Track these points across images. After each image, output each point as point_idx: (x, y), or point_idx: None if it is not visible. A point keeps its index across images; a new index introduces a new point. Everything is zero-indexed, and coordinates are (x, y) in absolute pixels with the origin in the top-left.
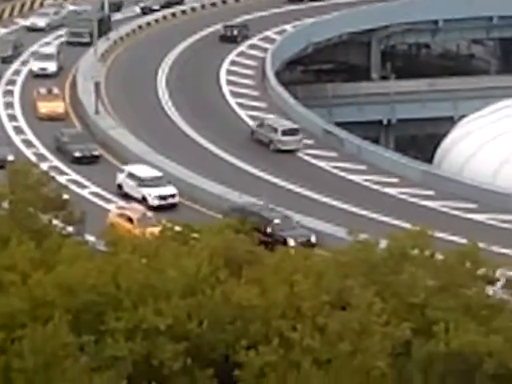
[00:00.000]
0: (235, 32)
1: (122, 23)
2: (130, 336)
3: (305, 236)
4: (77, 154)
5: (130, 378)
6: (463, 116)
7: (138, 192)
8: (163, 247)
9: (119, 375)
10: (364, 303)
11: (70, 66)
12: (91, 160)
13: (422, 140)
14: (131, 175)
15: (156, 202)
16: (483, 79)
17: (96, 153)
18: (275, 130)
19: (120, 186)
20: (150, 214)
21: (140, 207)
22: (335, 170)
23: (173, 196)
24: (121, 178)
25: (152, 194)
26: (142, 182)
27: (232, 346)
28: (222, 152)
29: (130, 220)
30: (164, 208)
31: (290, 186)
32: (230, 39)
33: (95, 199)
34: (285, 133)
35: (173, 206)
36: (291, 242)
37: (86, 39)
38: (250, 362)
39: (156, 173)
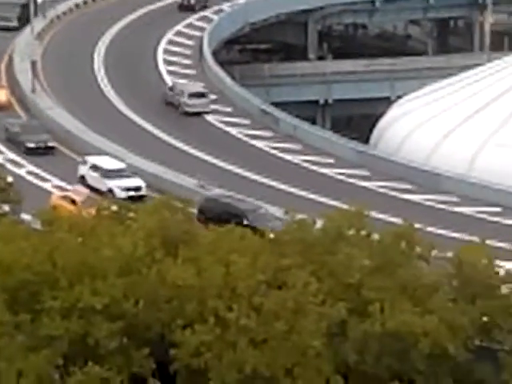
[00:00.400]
0: (192, 1)
1: (49, 6)
2: (67, 315)
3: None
4: (30, 145)
5: (66, 357)
6: (400, 96)
7: (103, 184)
8: (99, 226)
9: (55, 354)
10: (300, 283)
11: (1, 50)
12: (45, 151)
13: (358, 120)
14: (95, 167)
15: (123, 194)
16: (420, 60)
17: (50, 144)
18: (182, 93)
19: (83, 178)
20: (93, 196)
21: (84, 189)
22: (271, 150)
23: (140, 188)
24: (84, 169)
25: (119, 185)
26: (108, 174)
27: (168, 326)
28: (160, 131)
29: (74, 202)
30: (132, 199)
31: (234, 169)
32: (187, 8)
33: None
34: (191, 95)
35: (140, 198)
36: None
37: (14, 23)
38: (185, 342)
39: (121, 164)
